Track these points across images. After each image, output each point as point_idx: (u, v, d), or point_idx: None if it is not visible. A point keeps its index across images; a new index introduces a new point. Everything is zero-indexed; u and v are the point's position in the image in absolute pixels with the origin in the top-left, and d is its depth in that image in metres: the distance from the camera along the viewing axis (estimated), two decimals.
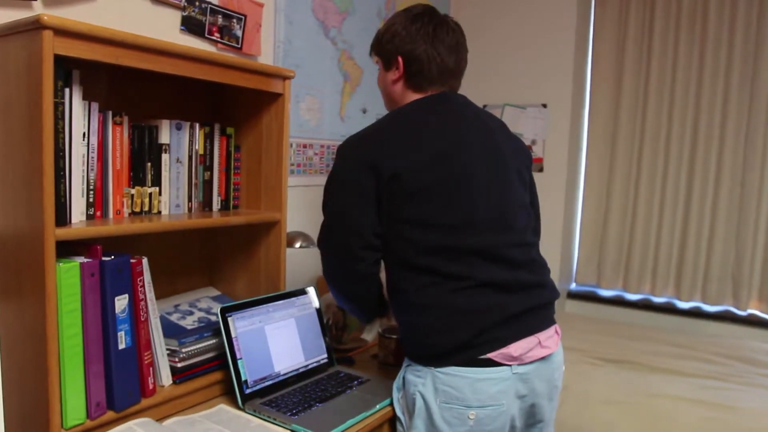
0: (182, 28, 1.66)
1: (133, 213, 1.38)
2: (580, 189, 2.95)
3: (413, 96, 1.46)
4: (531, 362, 1.33)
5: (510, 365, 1.30)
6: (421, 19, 1.44)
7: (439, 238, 1.31)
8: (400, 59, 1.44)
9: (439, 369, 1.31)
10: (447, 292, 1.31)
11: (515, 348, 1.30)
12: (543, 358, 1.36)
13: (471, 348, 1.30)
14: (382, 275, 1.46)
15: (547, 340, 1.37)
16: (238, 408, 1.39)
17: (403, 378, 1.40)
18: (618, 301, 2.86)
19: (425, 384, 1.32)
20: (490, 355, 1.29)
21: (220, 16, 1.75)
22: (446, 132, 1.37)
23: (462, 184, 1.33)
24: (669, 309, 2.74)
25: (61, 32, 1.05)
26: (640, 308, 2.80)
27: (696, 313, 2.68)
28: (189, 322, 1.52)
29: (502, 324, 1.31)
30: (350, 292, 1.47)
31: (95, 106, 1.24)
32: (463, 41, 1.49)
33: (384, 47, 1.48)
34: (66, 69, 1.13)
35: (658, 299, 2.78)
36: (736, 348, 2.30)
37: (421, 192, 1.30)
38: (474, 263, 1.32)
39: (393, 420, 1.45)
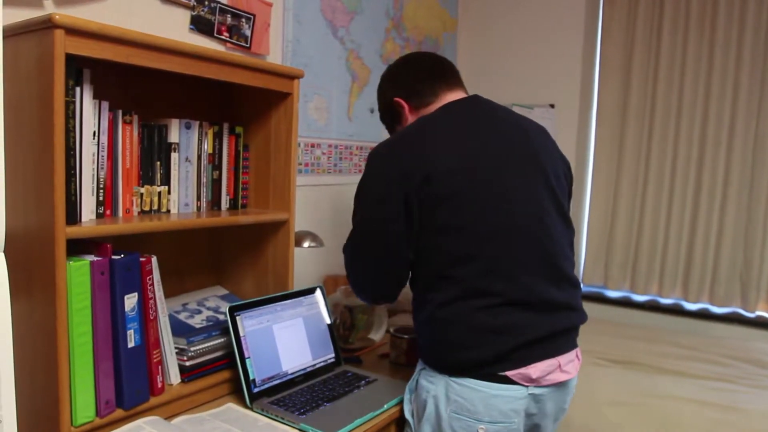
0: (191, 27, 1.66)
1: (142, 212, 1.39)
2: (587, 189, 2.94)
3: (428, 110, 1.44)
4: (547, 385, 1.30)
5: (527, 386, 1.27)
6: (390, 67, 1.56)
7: (472, 246, 1.25)
8: (397, 99, 1.49)
9: (453, 378, 1.28)
10: (474, 309, 1.26)
11: (534, 370, 1.27)
12: (560, 383, 1.33)
13: (490, 364, 1.26)
14: None
15: (568, 365, 1.33)
16: (246, 407, 1.40)
17: (416, 381, 1.39)
18: (625, 302, 2.84)
19: (438, 391, 1.30)
20: (508, 373, 1.26)
21: (229, 15, 1.75)
22: (478, 134, 1.32)
23: (496, 189, 1.27)
24: (676, 310, 2.73)
25: (73, 31, 1.06)
26: (647, 309, 2.78)
27: (703, 315, 2.67)
28: (197, 321, 1.53)
29: (526, 346, 1.27)
30: (375, 297, 1.45)
31: (105, 105, 1.25)
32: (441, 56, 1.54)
33: (386, 110, 1.55)
34: (77, 68, 1.14)
35: (665, 300, 2.77)
36: (744, 350, 2.28)
37: (454, 196, 1.25)
38: (506, 277, 1.26)
39: (401, 420, 1.45)
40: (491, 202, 1.26)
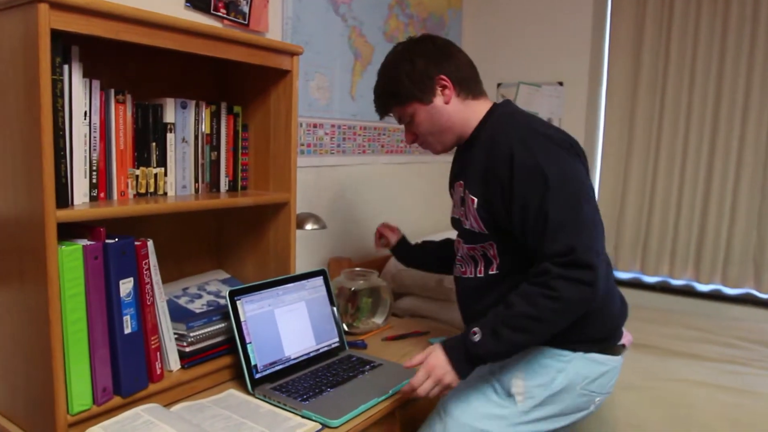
0: (187, 4, 1.61)
1: (138, 194, 1.35)
2: (597, 169, 2.88)
3: (475, 103, 1.42)
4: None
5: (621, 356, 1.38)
6: (425, 42, 1.42)
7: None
8: (442, 76, 1.38)
9: (588, 355, 1.32)
10: (608, 276, 1.34)
11: (625, 335, 1.41)
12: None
13: (615, 336, 1.37)
14: None
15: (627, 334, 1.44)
16: (248, 393, 1.37)
17: (535, 361, 1.32)
18: (635, 284, 2.80)
19: (570, 368, 1.31)
20: (624, 341, 1.37)
21: None
22: None
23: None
24: (688, 292, 2.68)
25: (58, 6, 1.01)
26: (658, 291, 2.74)
27: (716, 296, 2.62)
28: (197, 306, 1.49)
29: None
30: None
31: (97, 83, 1.20)
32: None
33: (412, 85, 1.39)
34: (65, 45, 1.09)
35: (676, 282, 2.72)
36: (757, 332, 2.24)
37: (587, 173, 1.35)
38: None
39: (406, 405, 1.42)
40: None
